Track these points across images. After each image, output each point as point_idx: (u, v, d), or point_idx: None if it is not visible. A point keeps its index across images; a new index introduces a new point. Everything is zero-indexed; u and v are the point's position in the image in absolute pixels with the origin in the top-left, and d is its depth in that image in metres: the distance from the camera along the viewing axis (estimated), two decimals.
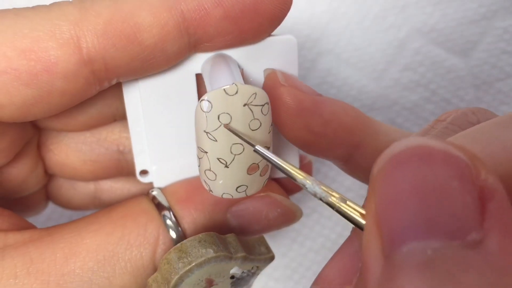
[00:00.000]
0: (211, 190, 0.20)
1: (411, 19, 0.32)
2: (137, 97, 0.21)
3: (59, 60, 0.18)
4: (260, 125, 0.19)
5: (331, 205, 0.15)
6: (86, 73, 0.18)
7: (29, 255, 0.19)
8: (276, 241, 0.34)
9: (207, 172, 0.19)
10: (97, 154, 0.24)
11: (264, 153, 0.17)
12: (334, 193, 0.15)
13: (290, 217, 0.23)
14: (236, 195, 0.20)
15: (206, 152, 0.19)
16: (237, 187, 0.20)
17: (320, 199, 0.15)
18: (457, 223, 0.12)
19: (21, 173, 0.22)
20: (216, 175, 0.19)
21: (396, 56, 0.33)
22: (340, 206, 0.15)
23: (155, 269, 0.20)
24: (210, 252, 0.19)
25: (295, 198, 0.32)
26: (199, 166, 0.20)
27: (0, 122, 0.19)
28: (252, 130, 0.19)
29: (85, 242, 0.20)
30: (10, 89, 0.18)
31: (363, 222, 0.14)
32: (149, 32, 0.18)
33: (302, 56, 0.33)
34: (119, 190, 0.25)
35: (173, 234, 0.20)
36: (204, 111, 0.18)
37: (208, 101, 0.18)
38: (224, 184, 0.19)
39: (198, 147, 0.19)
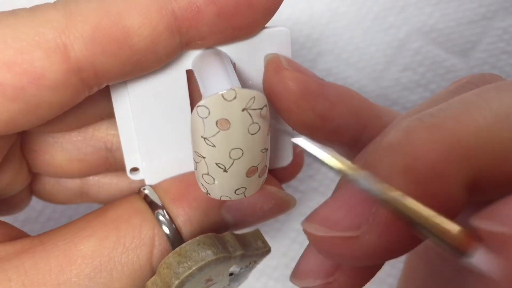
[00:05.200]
0: (209, 193, 0.20)
1: (411, 19, 0.32)
2: (125, 96, 0.20)
3: (46, 71, 0.17)
4: (259, 129, 0.18)
5: (388, 203, 0.14)
6: (75, 81, 0.17)
7: (23, 267, 0.18)
8: (276, 241, 0.34)
9: (204, 176, 0.19)
10: (84, 153, 0.23)
11: (307, 147, 0.16)
12: (392, 191, 0.14)
13: (284, 207, 0.23)
14: (235, 197, 0.20)
15: (203, 157, 0.18)
16: (236, 190, 0.19)
17: (377, 197, 0.14)
18: None
19: (6, 177, 0.21)
20: (214, 179, 0.19)
21: (396, 56, 0.33)
22: (400, 203, 0.14)
23: (152, 270, 0.20)
24: (210, 255, 0.19)
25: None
26: (196, 169, 0.19)
27: None
28: (251, 134, 0.18)
29: (79, 249, 0.19)
30: None
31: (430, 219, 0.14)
32: (140, 35, 0.17)
33: (302, 56, 0.33)
34: (107, 185, 0.24)
35: (168, 233, 0.20)
36: (201, 117, 0.17)
37: (205, 106, 0.17)
38: (223, 187, 0.19)
39: (195, 152, 0.19)
